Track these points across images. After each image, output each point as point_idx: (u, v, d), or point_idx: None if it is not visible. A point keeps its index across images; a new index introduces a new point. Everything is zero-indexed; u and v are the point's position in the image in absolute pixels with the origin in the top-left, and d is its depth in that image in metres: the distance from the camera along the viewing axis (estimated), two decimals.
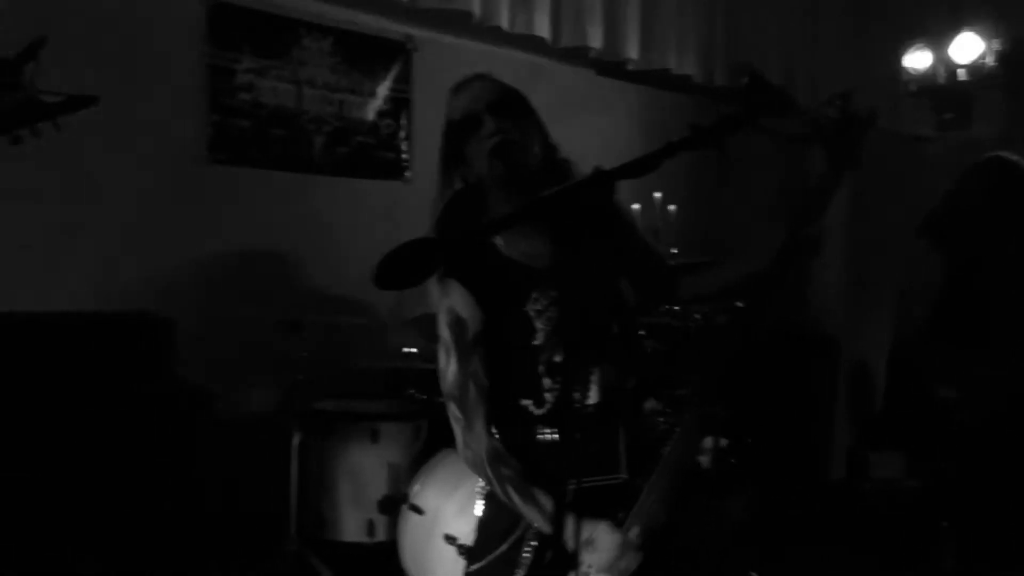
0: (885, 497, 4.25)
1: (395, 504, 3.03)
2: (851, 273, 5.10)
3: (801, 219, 1.60)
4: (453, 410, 1.55)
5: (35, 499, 2.45)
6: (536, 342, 1.54)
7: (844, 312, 5.13)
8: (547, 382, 1.55)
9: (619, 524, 1.51)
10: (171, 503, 2.67)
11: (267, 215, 3.44)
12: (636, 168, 1.08)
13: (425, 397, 3.28)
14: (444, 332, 1.54)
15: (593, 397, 1.58)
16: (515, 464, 1.52)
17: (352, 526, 3.10)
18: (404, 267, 1.09)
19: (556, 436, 1.56)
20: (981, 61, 4.31)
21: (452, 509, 2.77)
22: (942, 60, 4.46)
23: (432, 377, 3.00)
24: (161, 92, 3.20)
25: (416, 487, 2.96)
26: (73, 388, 2.56)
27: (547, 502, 1.49)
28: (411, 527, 2.92)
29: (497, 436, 1.55)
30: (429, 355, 3.30)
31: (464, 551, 2.60)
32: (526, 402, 1.56)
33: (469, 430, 1.53)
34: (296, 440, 3.02)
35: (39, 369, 2.53)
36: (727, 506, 2.97)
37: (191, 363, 2.86)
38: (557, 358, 1.55)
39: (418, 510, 2.88)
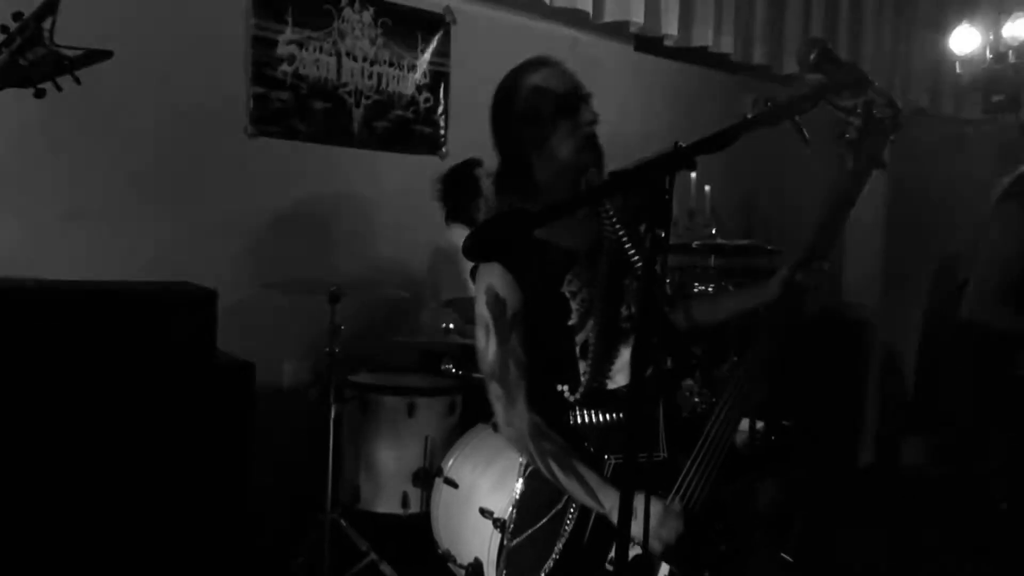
0: (920, 482, 4.21)
1: (430, 477, 3.06)
2: (888, 256, 5.04)
3: (828, 211, 1.60)
4: (495, 388, 1.55)
5: (77, 478, 2.46)
6: (571, 322, 1.56)
7: (879, 295, 5.07)
8: (582, 365, 1.56)
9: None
10: (221, 480, 2.67)
11: (307, 188, 3.45)
12: (714, 143, 1.08)
13: (461, 372, 3.29)
14: (483, 311, 1.54)
15: (622, 379, 1.58)
16: (557, 439, 1.53)
17: (387, 498, 3.13)
18: (492, 239, 1.09)
19: (595, 418, 1.57)
20: None
21: (487, 483, 2.80)
22: (990, 41, 4.36)
23: (468, 353, 3.04)
24: (207, 63, 3.20)
25: (451, 461, 2.99)
26: (117, 360, 2.56)
27: (589, 475, 1.50)
28: (445, 500, 2.95)
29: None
30: (466, 331, 3.32)
31: (500, 525, 2.62)
32: (562, 387, 1.57)
33: (511, 407, 1.54)
34: (333, 412, 3.05)
35: (82, 342, 2.50)
36: (762, 488, 2.97)
37: (229, 334, 2.87)
38: (590, 340, 1.56)
39: (452, 483, 2.91)
